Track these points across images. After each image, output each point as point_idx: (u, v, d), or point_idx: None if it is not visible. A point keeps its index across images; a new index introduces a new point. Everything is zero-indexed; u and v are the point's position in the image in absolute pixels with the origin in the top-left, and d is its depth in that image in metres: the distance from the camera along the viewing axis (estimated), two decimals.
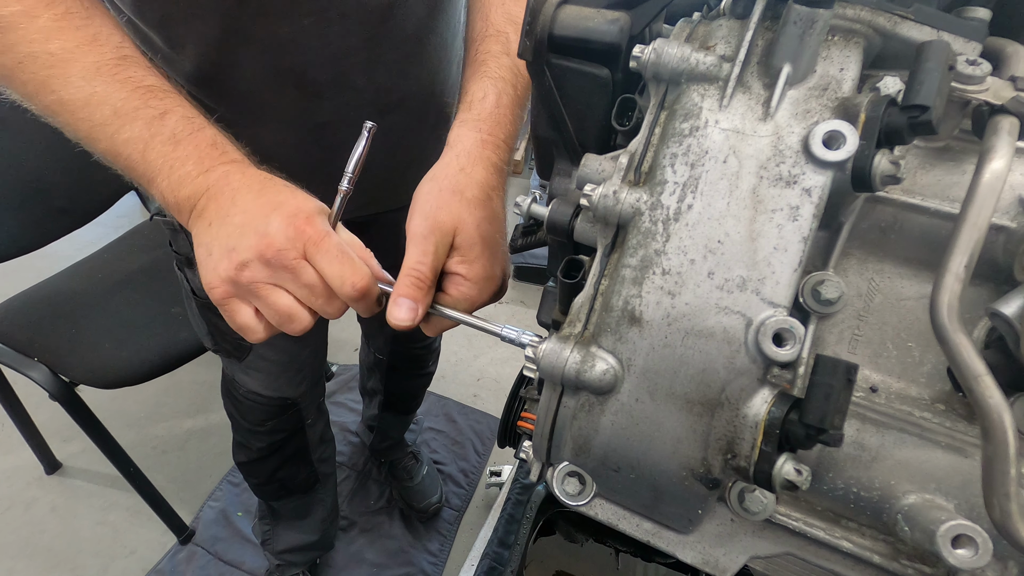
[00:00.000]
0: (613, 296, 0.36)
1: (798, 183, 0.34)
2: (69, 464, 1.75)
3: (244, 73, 0.75)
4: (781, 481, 0.33)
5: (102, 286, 1.51)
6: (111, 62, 0.61)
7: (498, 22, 0.70)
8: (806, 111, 0.36)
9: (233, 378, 1.19)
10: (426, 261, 0.58)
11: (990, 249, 0.38)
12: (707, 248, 0.35)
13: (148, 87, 0.61)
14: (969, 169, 0.38)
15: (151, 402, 1.89)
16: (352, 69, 0.77)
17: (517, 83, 0.68)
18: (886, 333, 0.40)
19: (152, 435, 1.81)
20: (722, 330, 0.34)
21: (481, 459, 1.81)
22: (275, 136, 0.83)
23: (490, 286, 0.62)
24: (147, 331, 1.44)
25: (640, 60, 0.38)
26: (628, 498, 0.40)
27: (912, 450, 0.37)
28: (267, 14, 0.70)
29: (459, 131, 0.65)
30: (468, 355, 2.04)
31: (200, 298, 1.07)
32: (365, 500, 1.71)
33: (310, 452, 1.32)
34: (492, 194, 0.64)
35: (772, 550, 0.40)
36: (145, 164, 0.60)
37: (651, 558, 1.47)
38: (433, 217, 0.59)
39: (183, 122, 0.61)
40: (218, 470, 1.75)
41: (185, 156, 0.60)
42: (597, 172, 0.40)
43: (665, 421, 0.36)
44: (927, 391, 0.39)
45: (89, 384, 1.35)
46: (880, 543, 0.38)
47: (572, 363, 0.36)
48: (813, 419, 0.32)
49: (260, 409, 1.20)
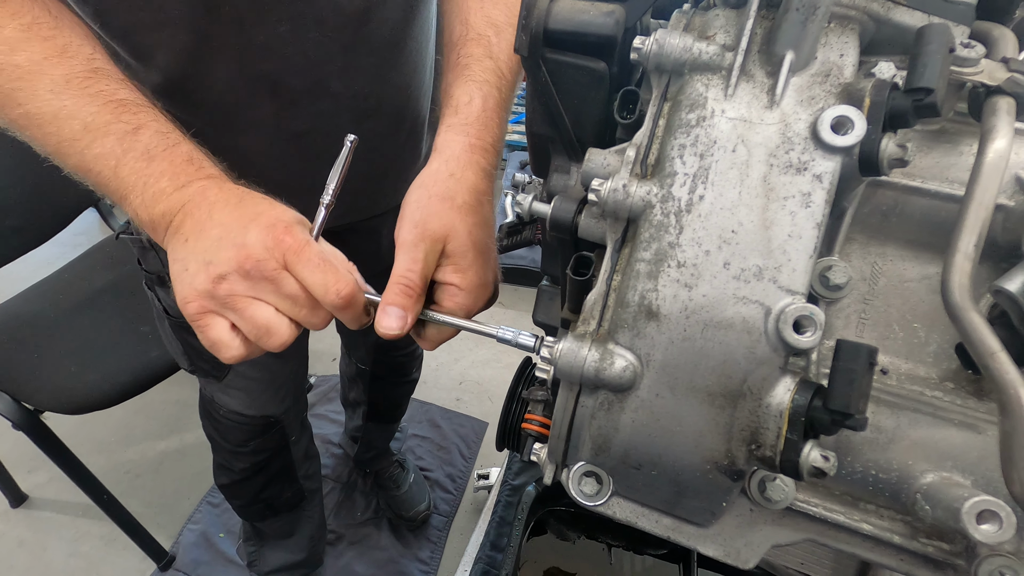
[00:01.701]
0: (628, 291, 0.36)
1: (808, 169, 0.34)
2: (36, 495, 1.67)
3: (216, 83, 0.73)
4: (809, 468, 0.33)
5: (64, 307, 1.45)
6: (81, 75, 0.59)
7: (478, 25, 0.69)
8: (811, 97, 0.36)
9: (212, 399, 1.15)
10: (415, 268, 0.57)
11: (989, 228, 0.39)
12: (721, 238, 0.35)
13: (120, 101, 0.59)
14: (966, 150, 0.39)
15: (121, 425, 1.82)
16: (329, 76, 0.76)
17: (501, 86, 0.67)
18: (891, 315, 0.41)
19: (124, 459, 1.75)
20: (741, 320, 0.34)
21: (468, 463, 1.80)
22: (251, 147, 0.81)
23: (484, 293, 0.62)
24: (115, 352, 1.38)
25: (641, 52, 0.38)
26: (649, 495, 0.40)
27: (926, 429, 0.37)
28: (241, 21, 0.67)
29: (446, 136, 0.64)
30: (449, 359, 2.02)
31: (174, 318, 1.03)
32: (352, 512, 1.68)
33: (295, 469, 1.29)
34: (482, 199, 0.63)
35: (793, 537, 0.40)
36: (117, 180, 0.58)
37: (642, 551, 1.48)
38: (423, 224, 0.58)
39: (157, 137, 0.59)
40: (196, 491, 1.70)
41: (159, 172, 0.58)
42: (602, 166, 0.39)
43: (687, 415, 0.35)
44: (935, 370, 0.40)
45: (56, 411, 1.29)
46: (898, 523, 0.39)
47: (590, 362, 0.36)
48: (839, 404, 0.32)
49: (242, 429, 1.16)
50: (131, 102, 0.59)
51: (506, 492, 1.47)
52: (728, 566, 1.35)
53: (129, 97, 0.60)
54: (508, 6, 0.70)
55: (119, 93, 0.59)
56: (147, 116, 0.59)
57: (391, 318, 0.56)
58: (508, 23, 0.69)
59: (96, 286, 1.49)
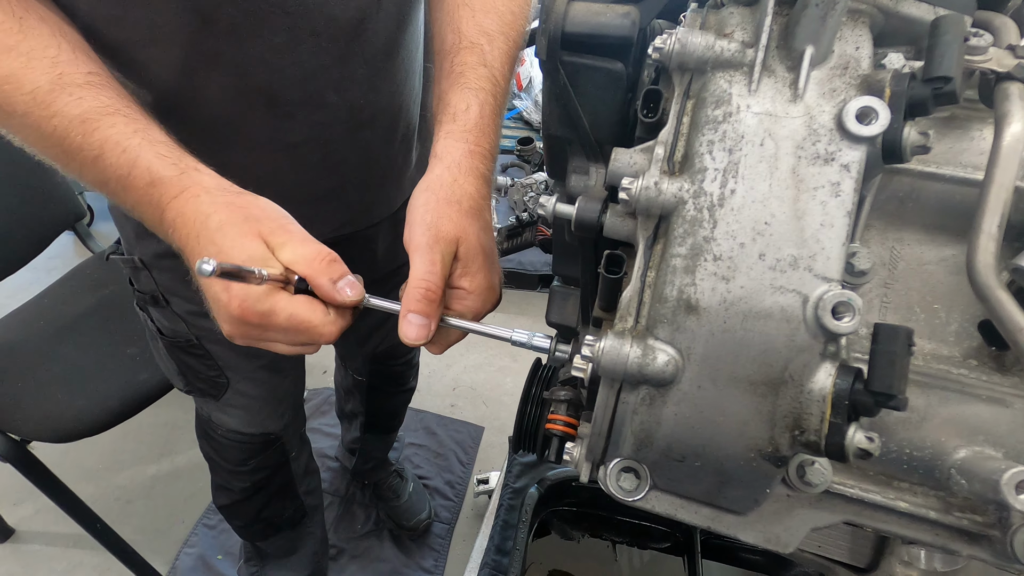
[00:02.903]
0: (666, 287, 0.36)
1: (836, 159, 0.35)
2: (23, 529, 1.62)
3: (210, 97, 0.72)
4: (854, 450, 0.34)
5: (46, 334, 1.41)
6: (45, 88, 0.57)
7: (471, 34, 0.69)
8: (832, 90, 0.37)
9: (209, 418, 1.13)
10: (435, 271, 0.57)
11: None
12: (755, 230, 0.36)
13: (81, 117, 0.57)
14: (977, 135, 0.40)
15: (108, 451, 1.77)
16: (324, 87, 0.75)
17: (496, 93, 0.68)
18: (912, 298, 0.42)
19: (114, 485, 1.70)
20: (779, 309, 0.35)
21: (466, 469, 1.79)
22: (244, 161, 0.80)
23: (491, 296, 0.62)
24: (103, 376, 1.35)
25: (663, 51, 0.39)
26: (690, 487, 0.40)
27: (956, 406, 0.38)
28: (236, 34, 0.67)
29: (446, 143, 0.64)
30: (441, 365, 2.01)
31: (168, 337, 1.01)
32: (352, 525, 1.66)
33: (296, 486, 1.27)
34: (484, 204, 0.64)
35: (830, 520, 0.41)
36: (127, 206, 0.60)
37: (646, 546, 1.49)
38: (436, 227, 0.58)
39: (120, 159, 0.57)
40: (191, 514, 1.66)
41: (136, 201, 0.59)
42: (629, 165, 0.40)
43: (729, 405, 0.36)
44: (957, 349, 0.41)
45: (43, 440, 1.25)
46: (932, 499, 0.40)
47: (633, 358, 0.36)
48: (881, 386, 0.33)
49: (241, 448, 1.14)
50: (91, 113, 0.57)
51: (508, 495, 1.47)
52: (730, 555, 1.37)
53: (90, 107, 0.58)
54: (499, 15, 0.71)
55: (83, 103, 0.57)
56: (106, 129, 0.58)
57: (414, 328, 0.56)
58: (500, 31, 0.70)
59: (78, 310, 1.45)
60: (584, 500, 1.44)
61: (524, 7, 0.73)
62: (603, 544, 1.54)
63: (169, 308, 0.97)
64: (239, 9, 0.65)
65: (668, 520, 1.42)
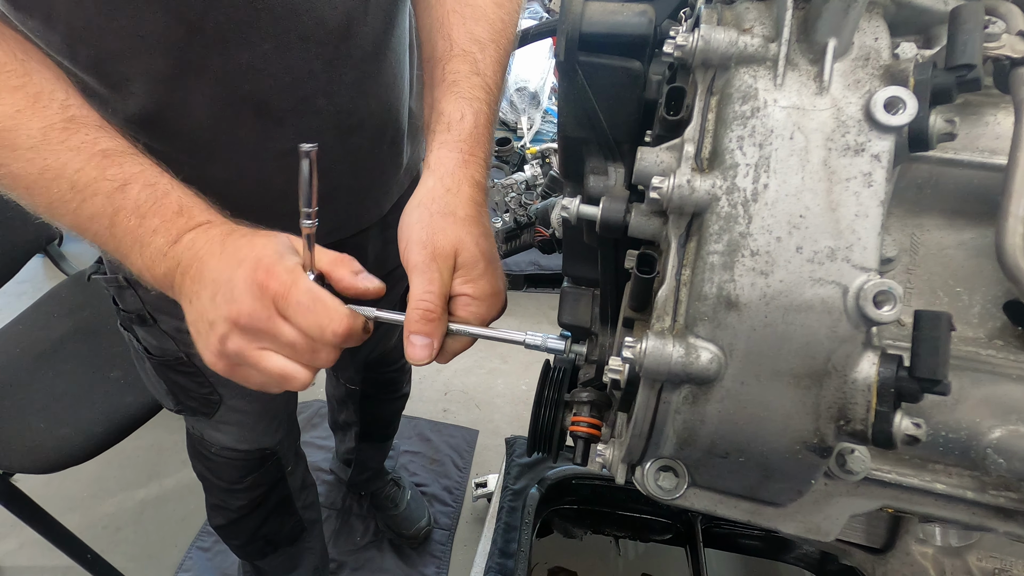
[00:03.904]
0: (705, 284, 0.36)
1: (866, 150, 0.36)
2: (7, 564, 1.56)
3: (197, 108, 0.70)
4: (902, 437, 0.34)
5: (23, 361, 1.36)
6: (58, 125, 0.56)
7: (462, 41, 0.69)
8: (856, 81, 0.37)
9: (202, 437, 1.11)
10: (433, 289, 0.57)
11: None
12: (790, 224, 0.36)
13: (103, 152, 0.57)
14: (991, 120, 0.41)
15: (92, 478, 1.72)
16: (314, 93, 0.74)
17: (490, 101, 0.68)
18: (935, 282, 0.43)
19: (101, 514, 1.65)
20: (820, 301, 0.35)
21: (462, 473, 1.78)
22: (232, 171, 0.78)
23: (497, 301, 0.62)
24: (86, 402, 1.31)
25: (686, 48, 0.39)
26: (731, 482, 0.41)
27: (988, 387, 0.39)
28: (224, 42, 0.65)
29: (439, 153, 0.64)
30: (431, 371, 2.00)
31: (156, 357, 0.99)
32: (350, 538, 1.64)
33: (294, 501, 1.25)
34: (481, 210, 0.64)
35: (869, 506, 0.42)
36: (115, 240, 0.57)
37: (648, 539, 1.50)
38: (432, 243, 0.58)
39: (146, 191, 0.57)
40: (183, 538, 1.62)
41: (152, 229, 0.57)
42: (656, 164, 0.40)
43: (773, 400, 0.36)
44: (982, 330, 0.42)
45: (28, 471, 1.21)
46: (967, 479, 0.41)
47: (677, 357, 0.36)
48: (926, 372, 0.33)
49: (237, 465, 1.12)
50: (114, 152, 0.57)
51: (508, 497, 1.46)
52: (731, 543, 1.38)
53: (111, 146, 0.58)
54: (490, 23, 0.70)
55: (100, 143, 0.57)
56: (132, 167, 0.57)
57: (418, 348, 0.56)
58: (491, 39, 0.70)
59: (56, 335, 1.40)
60: (585, 497, 1.44)
61: (513, 15, 0.73)
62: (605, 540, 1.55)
63: (156, 326, 0.94)
64: (227, 16, 0.64)
65: (669, 511, 1.43)
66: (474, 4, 0.70)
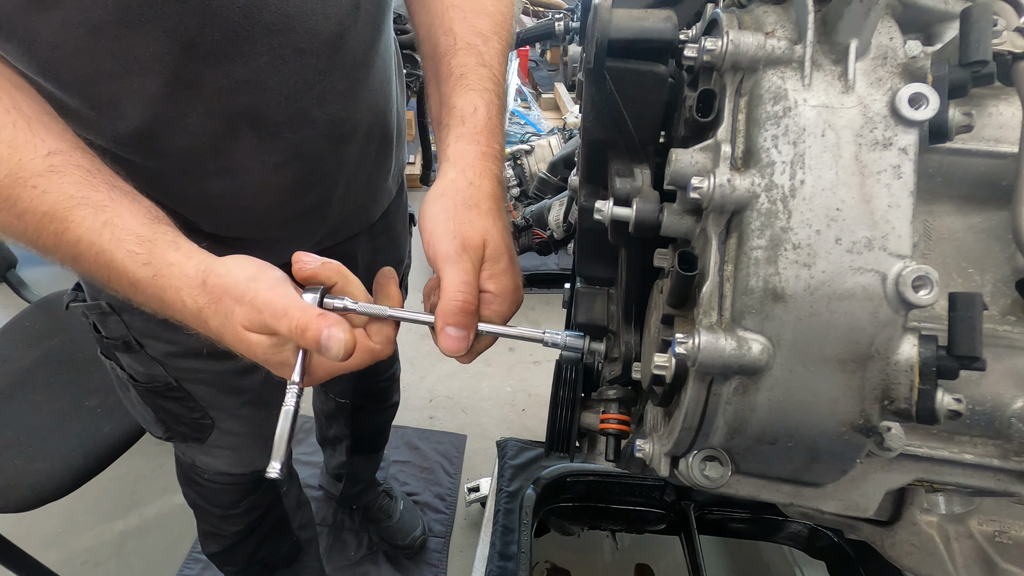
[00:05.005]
0: (751, 279, 0.38)
1: (893, 144, 0.38)
2: None
3: (191, 125, 0.68)
4: (944, 412, 0.36)
5: None
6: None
7: (465, 35, 0.69)
8: (878, 79, 0.39)
9: (194, 463, 1.07)
10: (469, 280, 0.56)
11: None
12: (828, 217, 0.37)
13: (49, 215, 0.55)
14: (994, 111, 0.44)
15: (66, 513, 1.64)
16: (309, 104, 0.73)
17: (500, 92, 0.68)
18: (948, 265, 0.46)
19: (79, 549, 1.58)
20: (861, 289, 0.37)
21: (453, 479, 1.77)
22: (226, 186, 0.76)
23: (517, 297, 0.62)
24: (62, 434, 1.25)
25: (715, 52, 0.40)
26: (777, 467, 0.42)
27: (1008, 360, 0.42)
28: (220, 58, 0.64)
29: (458, 146, 0.63)
30: (414, 378, 1.98)
31: (142, 383, 0.95)
32: (344, 553, 1.61)
33: (290, 521, 1.23)
34: (501, 205, 0.64)
35: (902, 480, 0.44)
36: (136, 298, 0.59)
37: (643, 530, 1.52)
38: (461, 235, 0.57)
39: (96, 261, 0.56)
40: (168, 568, 1.57)
41: (128, 298, 0.58)
42: (691, 165, 0.41)
43: (820, 385, 0.38)
44: (995, 308, 0.45)
45: (4, 511, 1.15)
46: (991, 447, 0.43)
47: (730, 350, 0.37)
48: (965, 350, 0.35)
49: (232, 490, 1.09)
50: (57, 214, 0.56)
51: (504, 500, 1.46)
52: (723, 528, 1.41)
53: (54, 202, 0.56)
54: (490, 15, 0.70)
55: (45, 199, 0.56)
56: (74, 231, 0.56)
57: (454, 340, 0.55)
58: (493, 32, 0.70)
59: (24, 365, 1.34)
60: (581, 494, 1.46)
61: (510, 7, 0.73)
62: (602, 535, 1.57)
63: (143, 352, 0.91)
64: (223, 32, 0.62)
65: (663, 502, 1.45)
66: None
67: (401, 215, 1.12)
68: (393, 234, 1.10)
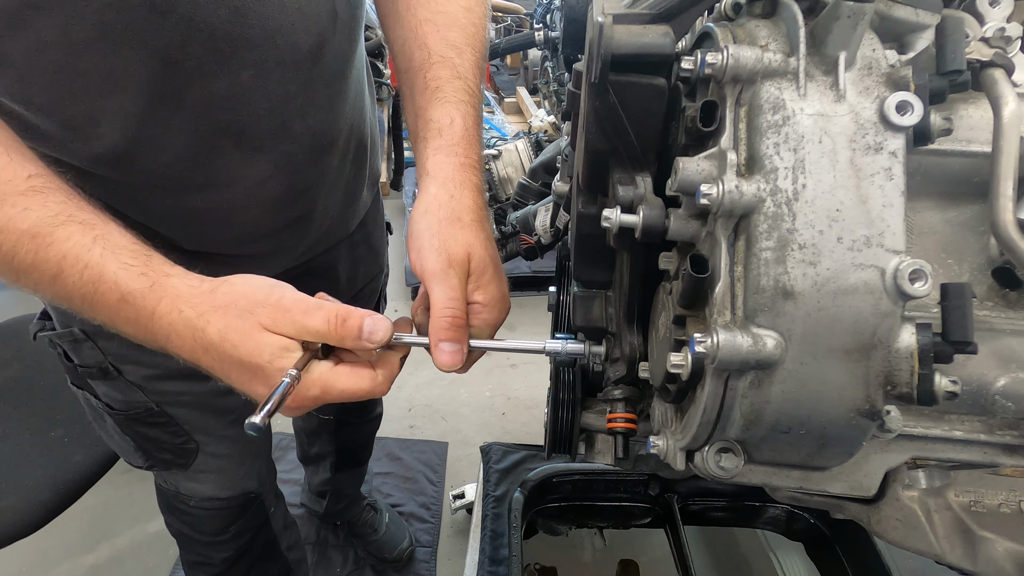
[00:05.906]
0: (761, 278, 0.40)
1: (884, 148, 0.41)
2: None
3: (172, 141, 0.67)
4: (943, 394, 0.39)
5: None
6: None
7: (439, 48, 0.70)
8: (865, 88, 0.42)
9: (177, 491, 1.05)
10: (457, 296, 0.58)
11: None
12: (829, 218, 0.40)
13: (30, 233, 0.54)
14: (964, 115, 0.48)
15: (32, 549, 1.56)
16: (291, 117, 0.73)
17: (475, 104, 0.69)
18: (929, 256, 0.49)
19: None
20: (863, 283, 0.40)
21: (437, 488, 1.77)
22: (208, 201, 0.76)
23: (504, 306, 0.64)
24: (28, 467, 1.20)
25: (716, 66, 0.42)
26: (791, 454, 0.45)
27: (990, 343, 0.45)
28: (202, 74, 0.63)
29: (436, 159, 0.65)
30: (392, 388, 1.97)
31: (119, 412, 0.93)
32: (330, 570, 1.59)
33: (279, 543, 1.21)
34: (483, 215, 0.65)
35: (899, 459, 0.47)
36: (82, 315, 0.59)
37: (630, 525, 1.55)
38: (446, 251, 0.59)
39: (81, 276, 0.55)
40: None
41: (108, 319, 0.57)
42: (698, 172, 0.43)
43: (829, 374, 0.41)
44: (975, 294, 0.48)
45: None
46: (976, 423, 0.47)
47: (747, 347, 0.39)
48: (958, 336, 0.39)
49: (220, 515, 1.07)
50: (41, 230, 0.55)
51: (491, 504, 1.47)
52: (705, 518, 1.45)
53: (38, 219, 0.55)
54: (463, 28, 0.72)
55: (28, 216, 0.54)
56: (60, 246, 0.55)
57: (448, 355, 0.57)
58: (467, 44, 0.71)
59: None
60: (567, 494, 1.48)
61: (483, 19, 0.75)
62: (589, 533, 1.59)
63: (122, 378, 0.89)
64: (205, 47, 0.62)
65: (649, 497, 1.48)
66: (445, 11, 0.71)
67: (379, 224, 1.12)
68: (372, 243, 1.10)
